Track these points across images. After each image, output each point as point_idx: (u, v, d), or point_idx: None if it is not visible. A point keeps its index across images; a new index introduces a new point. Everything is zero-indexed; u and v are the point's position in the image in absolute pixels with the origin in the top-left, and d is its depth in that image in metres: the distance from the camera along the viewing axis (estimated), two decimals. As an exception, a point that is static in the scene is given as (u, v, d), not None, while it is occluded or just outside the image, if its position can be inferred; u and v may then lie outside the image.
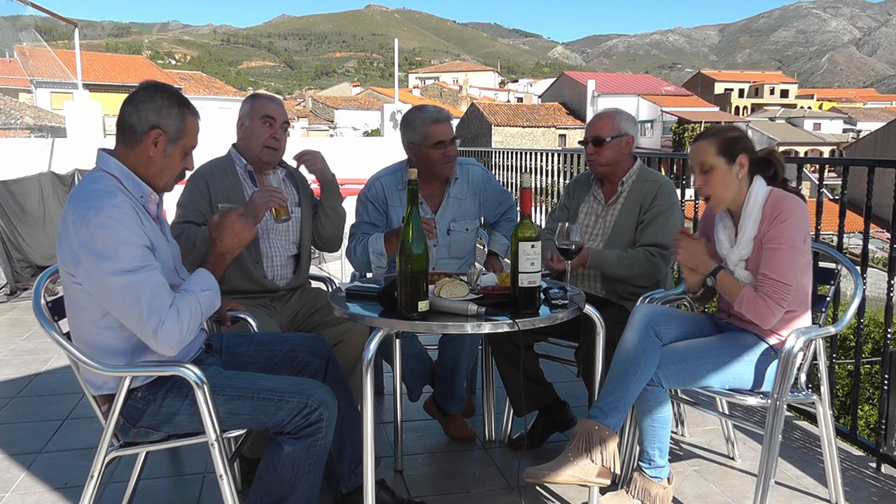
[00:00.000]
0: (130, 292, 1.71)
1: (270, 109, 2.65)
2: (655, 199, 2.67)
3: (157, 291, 1.73)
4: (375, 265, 2.82)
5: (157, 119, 1.83)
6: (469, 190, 2.97)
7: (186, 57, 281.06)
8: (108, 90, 34.54)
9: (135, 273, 1.71)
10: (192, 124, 1.90)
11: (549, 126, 41.37)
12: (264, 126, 2.63)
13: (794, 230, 2.17)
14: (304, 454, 1.90)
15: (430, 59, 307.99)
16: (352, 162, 10.53)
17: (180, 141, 1.88)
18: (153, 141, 1.84)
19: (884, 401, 2.72)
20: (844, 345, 7.68)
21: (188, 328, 1.79)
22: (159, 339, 1.73)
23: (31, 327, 4.74)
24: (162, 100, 1.85)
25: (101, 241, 1.70)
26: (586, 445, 2.14)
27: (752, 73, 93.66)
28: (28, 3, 10.32)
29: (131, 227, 1.74)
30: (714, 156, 2.25)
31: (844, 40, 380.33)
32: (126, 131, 1.85)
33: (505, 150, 7.44)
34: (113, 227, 1.70)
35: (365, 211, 2.95)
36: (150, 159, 1.85)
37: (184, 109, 1.88)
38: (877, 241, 17.22)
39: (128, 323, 1.75)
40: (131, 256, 1.71)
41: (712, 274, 2.28)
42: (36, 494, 2.51)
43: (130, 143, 1.85)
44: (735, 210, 2.32)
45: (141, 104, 1.84)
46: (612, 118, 2.74)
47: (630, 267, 2.60)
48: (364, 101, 59.24)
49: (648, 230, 2.65)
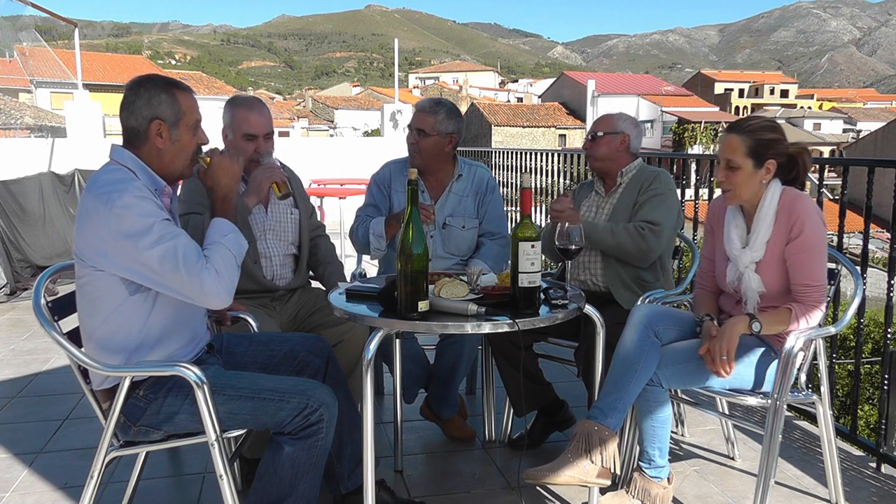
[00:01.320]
0: (168, 259, 1.74)
1: (251, 125, 2.59)
2: (652, 184, 2.73)
3: (192, 252, 1.78)
4: (374, 247, 2.87)
5: (150, 111, 1.85)
6: (471, 189, 2.98)
7: (186, 57, 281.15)
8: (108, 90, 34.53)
9: (167, 241, 1.75)
10: (186, 101, 1.90)
11: (549, 126, 41.39)
12: (246, 143, 2.60)
13: (817, 233, 2.15)
14: (304, 454, 1.90)
15: (430, 59, 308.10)
16: (352, 162, 10.55)
17: (182, 121, 1.89)
18: (157, 133, 1.86)
19: (884, 401, 2.72)
20: (844, 345, 7.68)
21: (229, 276, 1.83)
22: (208, 295, 1.78)
23: (31, 327, 4.74)
24: (147, 91, 1.85)
25: (129, 221, 1.73)
26: (586, 446, 2.14)
27: (752, 73, 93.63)
28: (28, 3, 10.33)
29: (154, 204, 1.79)
30: (743, 156, 2.21)
31: (844, 40, 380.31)
32: (131, 135, 1.88)
33: (505, 150, 7.43)
34: (138, 206, 1.75)
35: (371, 192, 3.04)
36: (161, 151, 1.88)
37: (172, 91, 1.88)
38: (877, 241, 17.21)
39: (174, 290, 1.78)
40: (161, 227, 1.75)
41: (753, 322, 2.15)
42: (36, 494, 2.51)
43: (138, 144, 1.88)
44: (748, 209, 2.29)
45: (131, 105, 1.86)
46: (611, 117, 2.85)
47: (618, 236, 2.62)
48: (364, 101, 59.24)
49: (642, 209, 2.70)
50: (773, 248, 2.21)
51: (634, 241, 2.61)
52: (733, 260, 2.30)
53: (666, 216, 2.67)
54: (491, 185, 3.03)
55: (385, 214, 2.92)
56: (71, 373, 1.96)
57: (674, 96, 46.73)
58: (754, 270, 2.25)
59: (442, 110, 2.86)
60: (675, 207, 2.76)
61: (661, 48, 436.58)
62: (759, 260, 2.23)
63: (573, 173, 5.71)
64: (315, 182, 8.83)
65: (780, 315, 2.17)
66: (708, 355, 2.15)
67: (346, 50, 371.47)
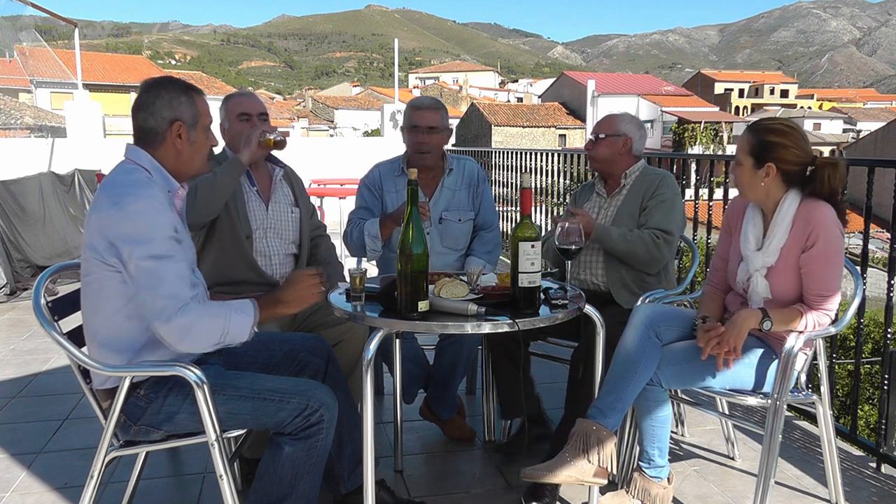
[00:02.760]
0: (154, 277, 1.73)
1: (244, 106, 2.71)
2: (658, 188, 2.72)
3: (179, 282, 1.75)
4: (370, 248, 2.87)
5: (172, 112, 1.88)
6: (463, 182, 3.02)
7: (186, 57, 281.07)
8: (108, 90, 34.56)
9: (162, 260, 1.74)
10: (202, 103, 1.95)
11: (549, 126, 41.38)
12: (242, 123, 2.67)
13: (832, 243, 2.13)
14: (304, 455, 1.90)
15: (430, 59, 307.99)
16: (352, 162, 10.55)
17: (199, 123, 1.93)
18: (177, 134, 1.88)
19: (884, 401, 2.72)
20: (844, 345, 7.68)
21: (202, 332, 1.76)
22: (171, 328, 1.73)
23: (31, 327, 4.74)
24: (168, 93, 1.88)
25: (138, 226, 1.74)
26: (584, 446, 2.13)
27: (752, 73, 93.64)
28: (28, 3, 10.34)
29: (167, 215, 1.80)
30: (745, 153, 2.20)
31: (844, 40, 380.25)
32: (148, 135, 1.89)
33: (505, 150, 7.43)
34: (151, 214, 1.76)
35: (362, 196, 3.04)
36: (179, 152, 1.90)
37: (190, 94, 1.92)
38: (877, 241, 17.21)
39: (144, 306, 1.76)
40: (163, 243, 1.75)
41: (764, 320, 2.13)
42: (36, 494, 2.51)
43: (155, 144, 1.89)
44: (767, 212, 2.26)
45: (151, 105, 1.88)
46: (613, 119, 2.83)
47: (632, 244, 2.61)
48: (364, 101, 59.27)
49: (653, 215, 2.67)
50: (787, 254, 2.18)
51: (649, 249, 2.61)
52: (746, 260, 2.29)
53: (676, 223, 2.69)
54: (481, 175, 3.09)
55: (378, 216, 2.93)
56: (71, 373, 1.96)
57: (674, 96, 46.71)
58: (764, 275, 2.23)
59: (441, 106, 2.95)
60: (682, 212, 2.78)
61: (661, 48, 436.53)
62: (772, 266, 2.21)
63: (573, 173, 5.71)
64: (315, 182, 8.84)
65: (791, 315, 2.16)
66: (709, 345, 2.14)
67: (346, 50, 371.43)
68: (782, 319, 2.16)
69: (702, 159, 4.40)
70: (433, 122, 2.86)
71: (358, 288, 2.07)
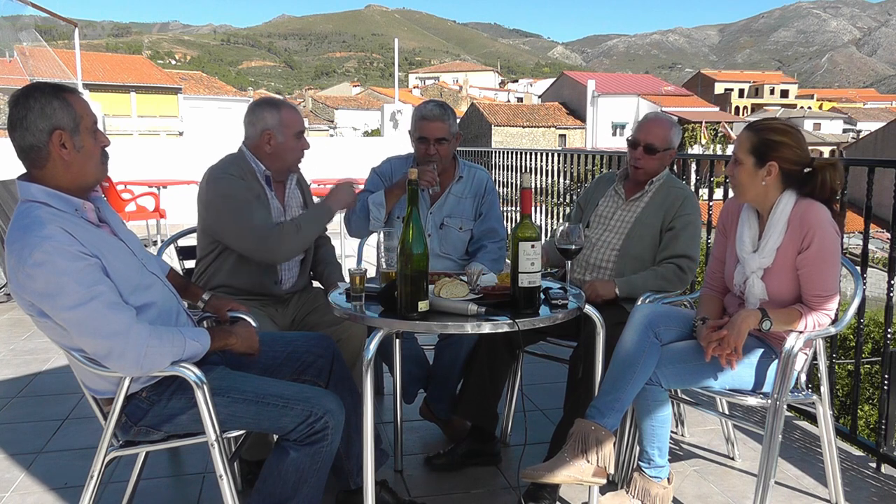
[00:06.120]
0: (84, 326, 1.69)
1: (299, 123, 2.64)
2: (683, 206, 2.70)
3: (111, 315, 1.69)
4: (374, 216, 2.83)
5: (48, 122, 1.70)
6: (470, 192, 2.99)
7: (186, 57, 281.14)
8: (108, 90, 34.58)
9: (80, 307, 1.66)
10: (78, 104, 1.75)
11: (549, 126, 41.41)
12: (298, 141, 2.62)
13: (828, 244, 2.13)
14: (308, 460, 1.91)
15: (430, 59, 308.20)
16: (352, 162, 10.55)
17: (81, 125, 1.74)
18: (60, 144, 1.72)
19: (884, 401, 2.72)
20: (844, 345, 7.68)
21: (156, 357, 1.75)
22: (125, 363, 1.72)
23: (31, 327, 4.74)
24: (38, 102, 1.70)
25: (43, 280, 1.64)
26: (582, 446, 2.13)
27: (752, 73, 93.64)
28: (28, 3, 10.34)
29: (69, 255, 1.66)
30: (746, 152, 2.20)
31: (844, 40, 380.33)
32: (30, 155, 1.73)
33: (505, 150, 7.43)
34: (50, 263, 1.63)
35: (371, 181, 3.03)
36: (68, 164, 1.74)
37: (62, 95, 1.73)
38: (877, 241, 17.20)
39: (91, 352, 1.74)
40: (77, 288, 1.65)
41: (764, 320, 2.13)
42: (36, 494, 2.51)
43: (40, 163, 1.73)
44: (762, 213, 2.26)
45: (24, 119, 1.70)
46: (668, 130, 2.75)
47: (662, 285, 2.64)
48: (364, 101, 59.30)
49: (679, 239, 2.67)
50: (783, 255, 2.18)
51: (681, 279, 2.67)
52: (742, 262, 2.28)
53: (698, 247, 2.73)
54: (489, 187, 3.04)
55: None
56: (71, 373, 1.96)
57: (674, 96, 46.72)
58: (760, 277, 2.23)
59: (447, 111, 2.88)
60: (699, 231, 2.78)
61: (661, 48, 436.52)
62: (768, 267, 2.21)
63: (573, 173, 5.71)
64: (315, 182, 8.83)
65: (791, 315, 2.16)
66: (710, 346, 2.14)
67: (346, 50, 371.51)
68: (782, 319, 2.16)
69: (702, 159, 4.40)
70: (442, 133, 2.83)
71: (358, 288, 2.07)
